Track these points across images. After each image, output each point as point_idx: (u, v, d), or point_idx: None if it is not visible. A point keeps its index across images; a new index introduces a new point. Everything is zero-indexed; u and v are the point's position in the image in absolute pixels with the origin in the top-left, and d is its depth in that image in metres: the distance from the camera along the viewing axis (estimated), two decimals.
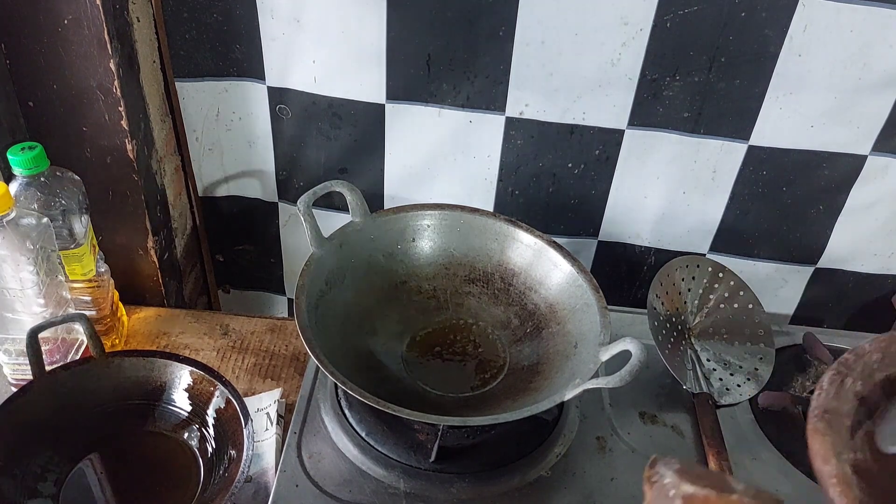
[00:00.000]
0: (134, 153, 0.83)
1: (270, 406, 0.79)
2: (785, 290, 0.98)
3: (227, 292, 1.13)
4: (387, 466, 0.70)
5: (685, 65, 0.79)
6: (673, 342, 0.83)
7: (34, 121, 0.81)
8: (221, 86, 0.89)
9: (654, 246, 0.96)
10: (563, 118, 0.84)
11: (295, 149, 0.92)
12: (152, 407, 0.76)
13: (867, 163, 0.84)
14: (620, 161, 0.87)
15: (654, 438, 0.77)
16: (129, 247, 0.92)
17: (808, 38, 0.75)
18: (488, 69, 0.81)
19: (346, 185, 0.77)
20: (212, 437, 0.73)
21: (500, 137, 0.87)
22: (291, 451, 0.71)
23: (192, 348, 0.88)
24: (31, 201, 0.73)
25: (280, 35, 0.82)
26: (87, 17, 0.73)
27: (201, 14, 0.82)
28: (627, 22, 0.76)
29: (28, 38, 0.75)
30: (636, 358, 0.61)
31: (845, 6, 0.72)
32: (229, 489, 0.64)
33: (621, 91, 0.81)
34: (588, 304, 0.73)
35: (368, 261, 0.80)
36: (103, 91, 0.78)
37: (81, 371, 0.74)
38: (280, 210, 1.00)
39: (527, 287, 0.80)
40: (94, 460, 0.72)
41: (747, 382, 0.81)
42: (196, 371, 0.74)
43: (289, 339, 0.90)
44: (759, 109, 0.81)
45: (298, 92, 0.86)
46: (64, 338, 0.78)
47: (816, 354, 0.86)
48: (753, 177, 0.86)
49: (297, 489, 0.68)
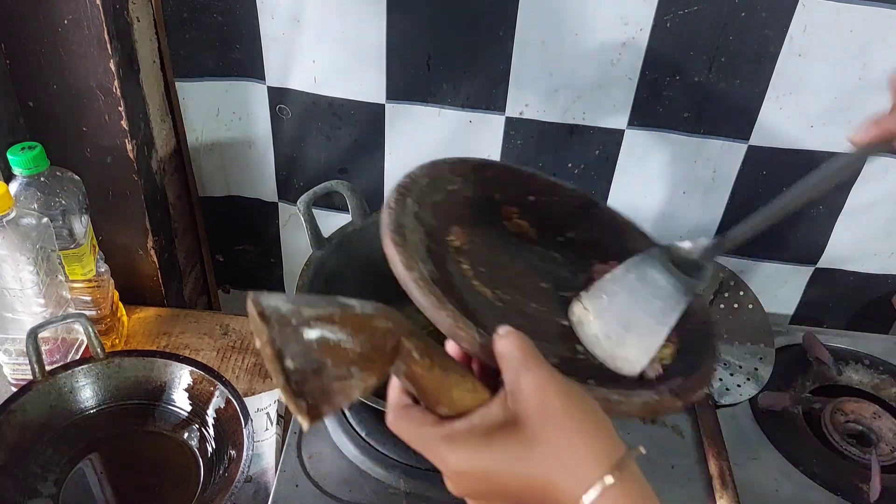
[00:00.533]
0: (134, 153, 0.83)
1: (270, 406, 0.79)
2: (785, 290, 0.98)
3: (227, 292, 1.13)
4: (387, 466, 0.70)
5: (685, 65, 0.79)
6: None
7: (34, 121, 0.81)
8: (221, 86, 0.89)
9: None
10: (563, 118, 0.84)
11: (295, 149, 0.92)
12: (152, 407, 0.76)
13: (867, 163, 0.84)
14: (620, 161, 0.87)
15: (654, 438, 0.77)
16: (129, 247, 0.92)
17: (808, 38, 0.75)
18: (488, 69, 0.81)
19: (346, 186, 0.77)
20: (212, 437, 0.73)
21: (500, 137, 0.87)
22: (291, 451, 0.71)
23: (192, 348, 0.88)
24: (31, 201, 0.73)
25: (280, 35, 0.82)
26: (87, 17, 0.73)
27: (201, 14, 0.82)
28: (627, 22, 0.76)
29: (28, 38, 0.75)
30: None
31: (845, 6, 0.72)
32: (229, 489, 0.64)
33: (621, 91, 0.81)
34: None
35: (368, 261, 0.79)
36: (103, 91, 0.78)
37: (81, 371, 0.74)
38: (280, 210, 1.00)
39: None
40: (94, 460, 0.72)
41: (747, 382, 0.81)
42: (196, 371, 0.74)
43: None
44: (759, 109, 0.81)
45: (298, 92, 0.86)
46: (64, 338, 0.78)
47: (816, 354, 0.86)
48: (753, 177, 0.86)
49: (297, 489, 0.68)
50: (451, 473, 0.41)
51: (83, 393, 0.74)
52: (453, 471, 0.41)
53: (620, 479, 0.38)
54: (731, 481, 0.70)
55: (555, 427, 0.39)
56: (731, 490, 0.70)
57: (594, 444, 0.39)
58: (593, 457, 0.39)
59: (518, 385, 0.41)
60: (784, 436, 0.78)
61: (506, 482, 0.40)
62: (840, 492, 0.72)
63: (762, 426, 0.79)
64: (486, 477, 0.40)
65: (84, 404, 0.74)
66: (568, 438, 0.39)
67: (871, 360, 0.88)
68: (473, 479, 0.41)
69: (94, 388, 0.74)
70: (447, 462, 0.41)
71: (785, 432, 0.78)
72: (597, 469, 0.38)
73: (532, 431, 0.39)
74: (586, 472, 0.38)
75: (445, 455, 0.40)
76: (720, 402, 0.79)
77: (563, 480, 0.39)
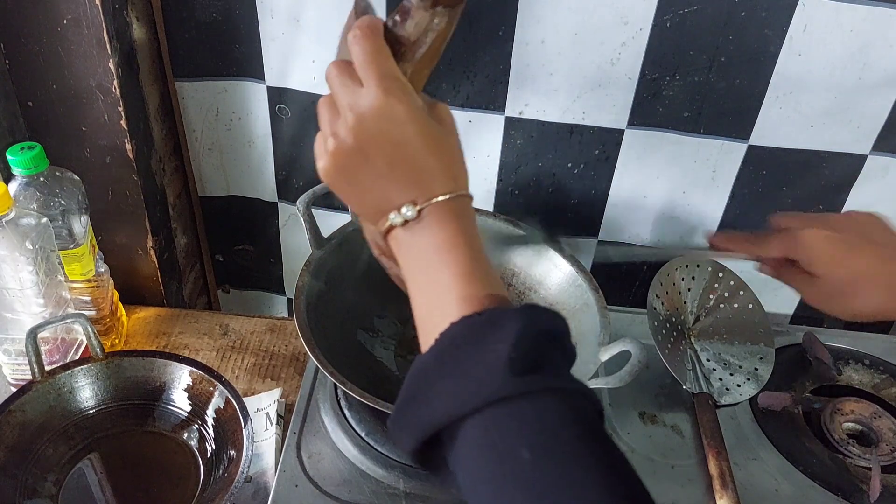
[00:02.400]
0: (133, 153, 0.83)
1: (270, 406, 0.79)
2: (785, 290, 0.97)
3: (226, 292, 1.13)
4: (387, 466, 0.70)
5: (685, 65, 0.79)
6: (673, 342, 0.83)
7: (34, 121, 0.81)
8: (221, 86, 0.88)
9: (655, 246, 0.95)
10: (563, 118, 0.84)
11: (295, 149, 0.92)
12: (152, 407, 0.76)
13: (867, 163, 0.84)
14: (620, 161, 0.87)
15: (654, 438, 0.77)
16: (128, 247, 0.92)
17: (808, 38, 0.75)
18: (488, 69, 0.81)
19: None
20: (211, 437, 0.73)
21: (500, 137, 0.87)
22: (291, 451, 0.71)
23: (192, 348, 0.88)
24: (30, 201, 0.73)
25: (280, 35, 0.82)
26: (87, 17, 0.73)
27: (201, 14, 0.82)
28: (627, 22, 0.76)
29: (28, 38, 0.74)
30: (636, 358, 0.61)
31: (845, 6, 0.72)
32: (229, 489, 0.64)
33: (621, 91, 0.81)
34: (588, 304, 0.73)
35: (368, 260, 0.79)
36: (102, 91, 0.78)
37: (81, 371, 0.74)
38: (280, 210, 1.00)
39: (527, 287, 0.80)
40: (94, 460, 0.72)
41: (747, 382, 0.81)
42: (196, 371, 0.74)
43: (288, 339, 0.90)
44: (759, 109, 0.81)
45: (298, 92, 0.86)
46: (64, 338, 0.78)
47: (816, 354, 0.86)
48: (753, 177, 0.86)
49: (296, 489, 0.68)
50: (360, 115, 0.42)
51: (83, 393, 0.74)
52: (368, 109, 0.42)
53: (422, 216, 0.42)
54: (731, 482, 0.70)
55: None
56: (732, 490, 0.70)
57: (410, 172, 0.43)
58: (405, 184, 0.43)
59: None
60: (784, 436, 0.78)
61: (400, 142, 0.42)
62: (840, 492, 0.72)
63: (762, 426, 0.79)
64: (387, 131, 0.42)
65: (83, 404, 0.74)
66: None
67: (871, 360, 0.88)
68: (372, 126, 0.42)
69: (93, 389, 0.74)
70: (372, 96, 0.41)
71: (785, 432, 0.78)
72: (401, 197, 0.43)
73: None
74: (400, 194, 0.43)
75: (373, 89, 0.42)
76: (720, 402, 0.79)
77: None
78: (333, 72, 0.44)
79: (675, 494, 0.71)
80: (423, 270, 0.44)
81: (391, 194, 0.43)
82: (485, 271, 0.43)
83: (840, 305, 0.60)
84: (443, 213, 0.43)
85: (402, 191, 0.43)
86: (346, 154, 0.43)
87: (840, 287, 0.59)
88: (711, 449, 0.74)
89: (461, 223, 0.43)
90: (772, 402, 0.80)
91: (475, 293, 0.41)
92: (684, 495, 0.71)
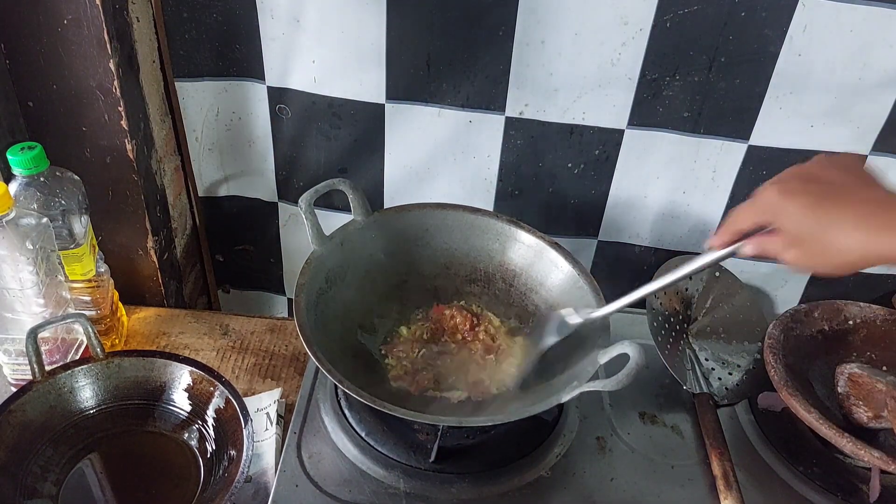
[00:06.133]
0: (134, 153, 0.83)
1: (270, 406, 0.79)
2: (785, 290, 0.98)
3: (227, 292, 1.13)
4: (387, 466, 0.70)
5: (685, 65, 0.79)
6: (672, 342, 0.83)
7: (34, 121, 0.81)
8: (221, 86, 0.89)
9: (654, 246, 0.96)
10: (563, 118, 0.84)
11: (295, 149, 0.92)
12: (152, 407, 0.75)
13: (867, 163, 0.84)
14: (620, 161, 0.87)
15: (654, 438, 0.77)
16: (128, 247, 0.92)
17: (808, 38, 0.75)
18: (488, 69, 0.81)
19: (348, 184, 0.77)
20: (212, 437, 0.73)
21: (500, 137, 0.87)
22: (291, 451, 0.71)
23: (192, 348, 0.88)
24: (30, 201, 0.73)
25: (280, 35, 0.82)
26: (87, 18, 0.73)
27: (201, 14, 0.82)
28: (627, 22, 0.76)
29: (28, 38, 0.75)
30: (634, 361, 0.61)
31: (845, 6, 0.72)
32: (229, 489, 0.64)
33: (621, 91, 0.81)
34: (588, 304, 0.73)
35: (369, 259, 0.79)
36: (103, 91, 0.78)
37: (81, 371, 0.73)
38: (280, 210, 1.00)
39: (527, 288, 0.80)
40: (94, 460, 0.72)
41: (746, 382, 0.81)
42: (196, 371, 0.74)
43: (289, 339, 0.90)
44: (759, 109, 0.81)
45: (298, 92, 0.86)
46: (64, 338, 0.78)
47: None
48: (753, 177, 0.86)
49: (296, 489, 0.68)
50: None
51: (83, 393, 0.74)
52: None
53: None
54: (734, 482, 0.70)
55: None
56: (736, 491, 0.69)
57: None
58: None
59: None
60: (784, 436, 0.78)
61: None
62: (840, 492, 0.72)
63: (762, 426, 0.79)
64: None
65: (84, 404, 0.74)
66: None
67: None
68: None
69: (93, 389, 0.74)
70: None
71: (785, 432, 0.78)
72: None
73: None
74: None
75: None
76: (720, 402, 0.79)
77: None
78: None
79: (676, 494, 0.71)
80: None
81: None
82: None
83: (823, 258, 0.54)
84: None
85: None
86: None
87: (817, 237, 0.53)
88: (714, 449, 0.74)
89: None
90: (772, 402, 0.80)
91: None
92: (685, 495, 0.71)
